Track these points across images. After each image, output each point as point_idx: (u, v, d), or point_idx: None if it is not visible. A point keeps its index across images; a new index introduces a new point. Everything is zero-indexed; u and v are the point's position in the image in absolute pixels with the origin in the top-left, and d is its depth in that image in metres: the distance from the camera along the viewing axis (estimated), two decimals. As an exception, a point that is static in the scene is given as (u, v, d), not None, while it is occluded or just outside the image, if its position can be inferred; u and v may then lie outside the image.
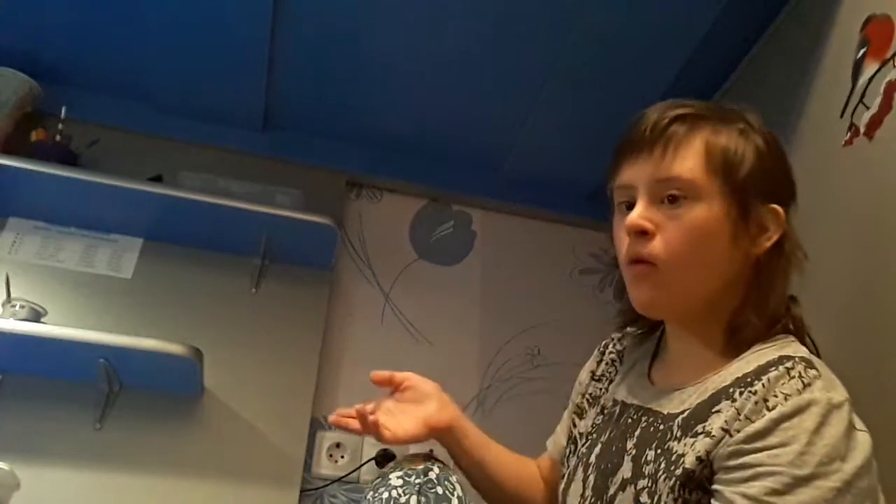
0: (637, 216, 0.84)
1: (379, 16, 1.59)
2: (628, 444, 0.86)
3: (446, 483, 0.90)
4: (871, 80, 1.15)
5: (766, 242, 0.84)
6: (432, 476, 0.91)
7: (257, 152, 1.86)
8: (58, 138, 1.62)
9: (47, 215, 1.67)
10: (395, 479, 0.91)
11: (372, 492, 0.91)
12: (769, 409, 0.71)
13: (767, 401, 0.72)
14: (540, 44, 1.62)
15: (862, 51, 1.19)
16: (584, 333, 1.83)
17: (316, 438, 1.67)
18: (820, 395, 0.71)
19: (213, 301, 1.69)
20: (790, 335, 0.84)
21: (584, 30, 1.56)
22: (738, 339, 0.84)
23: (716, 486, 0.73)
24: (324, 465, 1.65)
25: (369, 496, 0.91)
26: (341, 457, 1.67)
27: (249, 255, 1.73)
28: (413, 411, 1.03)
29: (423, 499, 0.87)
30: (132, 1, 1.58)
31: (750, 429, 0.71)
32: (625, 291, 0.93)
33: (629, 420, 0.90)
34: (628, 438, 0.87)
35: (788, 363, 0.75)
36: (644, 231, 0.83)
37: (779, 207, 0.85)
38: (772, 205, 0.85)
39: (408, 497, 0.87)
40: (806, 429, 0.69)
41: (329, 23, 1.61)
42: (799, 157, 1.33)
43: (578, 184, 1.98)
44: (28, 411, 1.49)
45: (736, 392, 0.76)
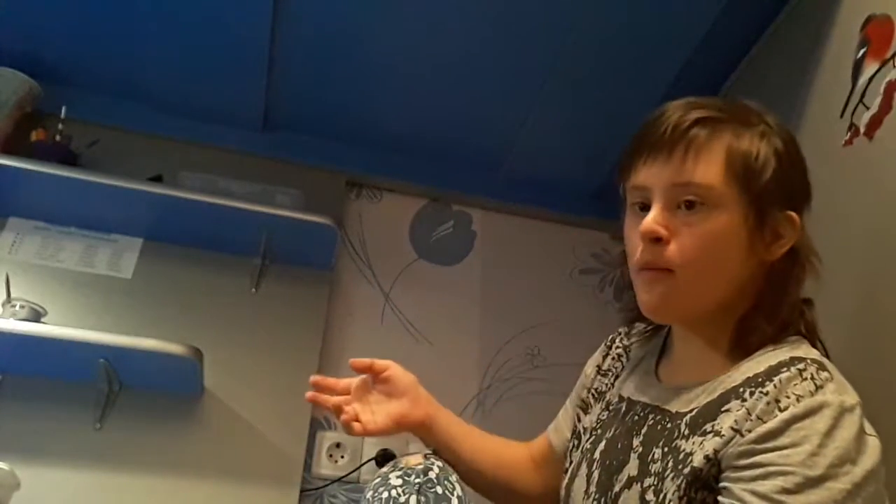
0: (653, 221, 0.83)
1: (379, 16, 1.59)
2: (634, 441, 0.86)
3: (446, 482, 0.90)
4: (871, 80, 1.15)
5: (779, 250, 0.84)
6: (432, 475, 0.91)
7: (257, 152, 1.86)
8: (58, 138, 1.62)
9: (47, 215, 1.67)
10: (394, 479, 0.91)
11: (371, 491, 0.91)
12: (781, 410, 0.71)
13: (779, 402, 0.72)
14: (540, 44, 1.62)
15: (862, 51, 1.20)
16: (584, 333, 1.84)
17: (316, 438, 1.67)
18: (832, 397, 0.71)
19: (213, 301, 1.69)
20: (801, 337, 0.84)
21: (584, 30, 1.56)
22: (746, 342, 0.83)
23: (724, 483, 0.73)
24: (324, 465, 1.65)
25: (369, 496, 0.91)
26: (341, 457, 1.67)
27: (249, 255, 1.73)
28: (386, 406, 1.04)
29: (422, 498, 0.87)
30: (132, 1, 1.58)
31: (762, 429, 0.71)
32: (626, 291, 0.93)
33: (636, 417, 0.90)
34: (634, 436, 0.87)
35: (800, 364, 0.75)
36: (659, 237, 0.83)
37: (795, 215, 0.84)
38: (788, 211, 0.84)
39: (407, 496, 0.87)
40: (818, 430, 0.69)
41: (329, 23, 1.61)
42: (799, 157, 1.33)
43: (578, 184, 1.98)
44: (28, 411, 1.49)
45: (746, 392, 0.75)
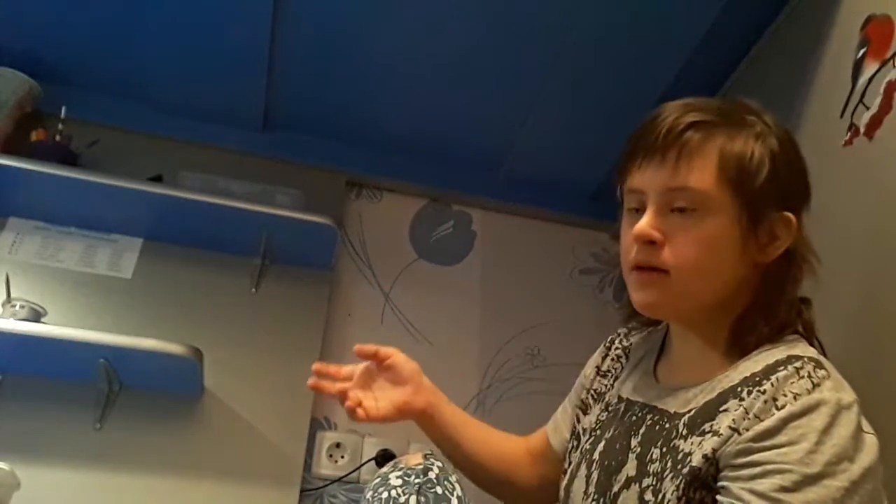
0: (646, 225, 0.83)
1: (379, 16, 1.59)
2: (633, 441, 0.86)
3: (446, 483, 0.90)
4: (871, 80, 1.15)
5: (775, 251, 0.84)
6: (432, 476, 0.91)
7: (257, 152, 1.86)
8: (58, 138, 1.62)
9: (47, 215, 1.67)
10: (394, 479, 0.91)
11: (371, 492, 0.91)
12: (778, 408, 0.71)
13: (776, 400, 0.72)
14: (540, 44, 1.62)
15: (862, 51, 1.20)
16: (584, 333, 1.84)
17: (316, 438, 1.67)
18: (829, 395, 0.71)
19: (213, 301, 1.69)
20: (799, 336, 0.84)
21: (584, 30, 1.56)
22: (743, 341, 0.83)
23: (722, 482, 0.73)
24: (324, 465, 1.65)
25: (368, 496, 0.91)
26: (341, 457, 1.67)
27: (249, 255, 1.73)
28: (389, 393, 1.05)
29: (422, 498, 0.87)
30: (132, 1, 1.58)
31: (759, 427, 0.71)
32: (625, 291, 0.93)
33: (633, 417, 0.90)
34: (633, 436, 0.87)
35: (797, 363, 0.75)
36: (652, 240, 0.83)
37: (791, 215, 0.84)
38: (784, 212, 0.84)
39: (407, 497, 0.87)
40: (815, 428, 0.69)
41: (329, 23, 1.61)
42: (799, 157, 1.33)
43: (578, 184, 1.98)
44: (28, 411, 1.49)
45: (744, 391, 0.75)
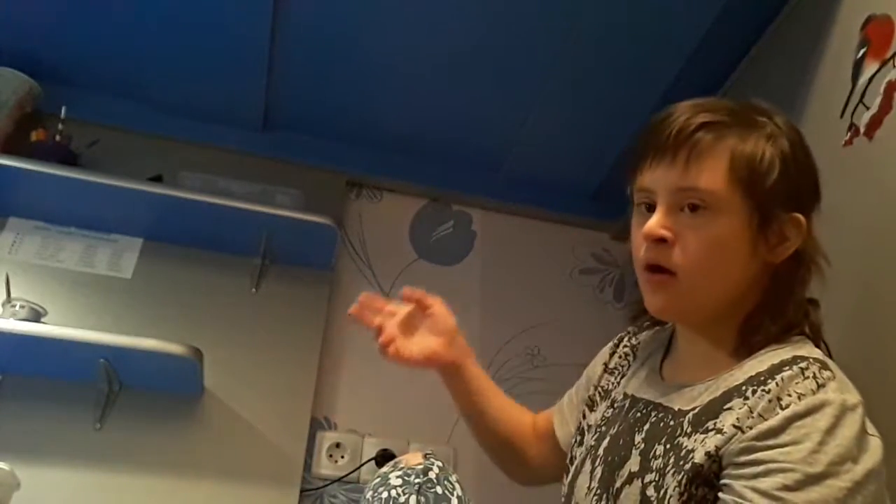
0: (656, 224, 0.83)
1: (379, 16, 1.59)
2: (636, 437, 0.86)
3: (446, 482, 0.91)
4: (871, 80, 1.15)
5: (784, 252, 0.84)
6: (432, 475, 0.91)
7: (257, 152, 1.86)
8: (58, 138, 1.62)
9: (47, 215, 1.67)
10: (394, 479, 0.91)
11: (371, 491, 0.91)
12: (783, 408, 0.71)
13: (781, 399, 0.72)
14: (540, 44, 1.62)
15: (862, 51, 1.20)
16: (584, 333, 1.84)
17: (316, 438, 1.67)
18: (834, 395, 0.71)
19: (213, 301, 1.69)
20: (805, 337, 0.84)
21: (584, 30, 1.56)
22: (750, 341, 0.84)
23: (725, 480, 0.73)
24: (324, 465, 1.65)
25: (368, 496, 0.91)
26: (341, 457, 1.67)
27: (249, 255, 1.73)
28: (424, 339, 1.08)
29: (422, 498, 0.87)
30: (132, 1, 1.58)
31: (763, 426, 0.71)
32: (626, 292, 0.93)
33: (638, 414, 0.90)
34: (637, 432, 0.87)
35: (803, 363, 0.75)
36: (662, 239, 0.83)
37: (800, 217, 0.84)
38: (794, 213, 0.84)
39: (407, 496, 0.87)
40: (819, 428, 0.69)
41: (329, 23, 1.61)
42: (799, 157, 1.33)
43: (578, 184, 1.98)
44: (28, 411, 1.49)
45: (749, 391, 0.76)
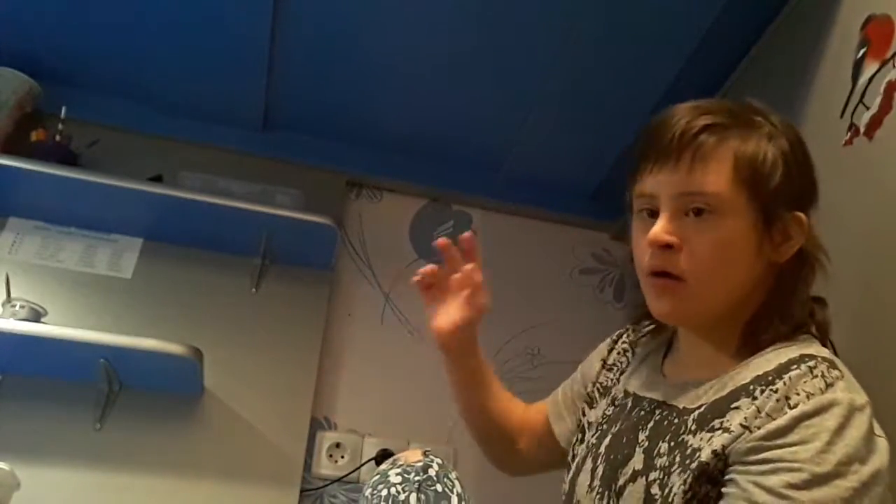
0: (661, 230, 0.82)
1: (379, 16, 1.59)
2: (640, 435, 0.86)
3: (445, 480, 0.90)
4: (871, 80, 1.15)
5: (788, 251, 0.84)
6: (431, 473, 0.91)
7: (257, 152, 1.86)
8: (58, 138, 1.62)
9: (47, 215, 1.67)
10: (393, 477, 0.91)
11: (370, 489, 0.91)
12: (791, 407, 0.71)
13: (789, 399, 0.72)
14: (540, 44, 1.62)
15: (862, 51, 1.19)
16: (584, 333, 1.82)
17: (316, 438, 1.67)
18: (842, 395, 0.71)
19: (213, 301, 1.69)
20: (812, 336, 0.84)
21: (584, 30, 1.56)
22: (756, 341, 0.83)
23: (730, 475, 0.72)
24: (324, 465, 1.66)
25: (368, 493, 0.91)
26: (341, 457, 1.67)
27: (249, 255, 1.73)
28: (455, 309, 1.06)
29: (422, 496, 0.87)
30: (132, 1, 1.58)
31: (771, 426, 0.71)
32: (632, 290, 0.93)
33: (641, 412, 0.89)
34: (640, 430, 0.87)
35: (811, 362, 0.75)
36: (668, 245, 0.82)
37: (802, 215, 0.84)
38: (796, 212, 0.84)
39: (407, 494, 0.87)
40: (828, 428, 0.69)
41: (329, 23, 1.61)
42: (799, 157, 1.33)
43: (578, 184, 1.98)
44: (28, 411, 1.49)
45: (756, 390, 0.75)
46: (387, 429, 1.72)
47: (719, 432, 0.75)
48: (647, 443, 0.84)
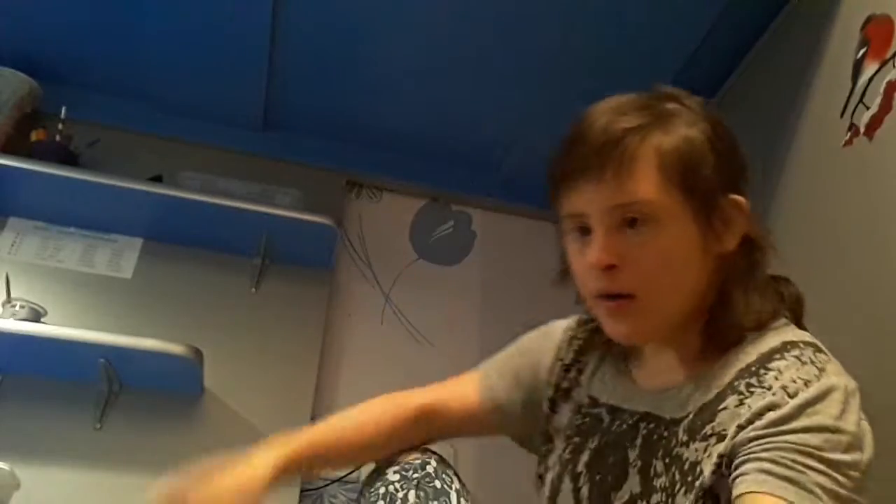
0: (600, 251, 0.77)
1: (378, 16, 1.59)
2: (630, 454, 0.81)
3: (444, 476, 0.89)
4: (871, 80, 1.15)
5: (733, 239, 0.79)
6: (430, 470, 0.89)
7: (257, 152, 1.86)
8: (58, 138, 1.62)
9: (47, 215, 1.67)
10: (391, 475, 0.89)
11: (368, 487, 0.90)
12: (791, 396, 0.69)
13: (787, 388, 0.70)
14: (539, 44, 1.62)
15: (862, 51, 1.20)
16: (584, 333, 1.83)
17: (316, 438, 1.67)
18: (837, 380, 0.70)
19: (213, 301, 1.69)
20: (786, 321, 0.80)
21: (584, 30, 1.56)
22: (720, 337, 0.79)
23: (740, 459, 0.69)
24: (324, 465, 1.65)
25: (365, 492, 0.90)
26: (341, 457, 1.67)
27: (249, 255, 1.73)
28: None
29: (421, 493, 0.86)
30: (132, 1, 1.58)
31: (773, 415, 0.68)
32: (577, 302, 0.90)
33: (624, 427, 0.84)
34: (629, 448, 0.82)
35: (795, 350, 0.73)
36: (611, 265, 0.77)
37: (739, 198, 0.79)
38: (732, 196, 0.79)
39: (405, 492, 0.86)
40: (831, 414, 0.68)
41: (329, 24, 1.61)
42: (799, 157, 1.33)
43: (578, 184, 1.98)
44: (28, 411, 1.49)
45: (742, 385, 0.73)
46: (387, 429, 1.72)
47: (713, 440, 0.72)
48: (639, 462, 0.80)
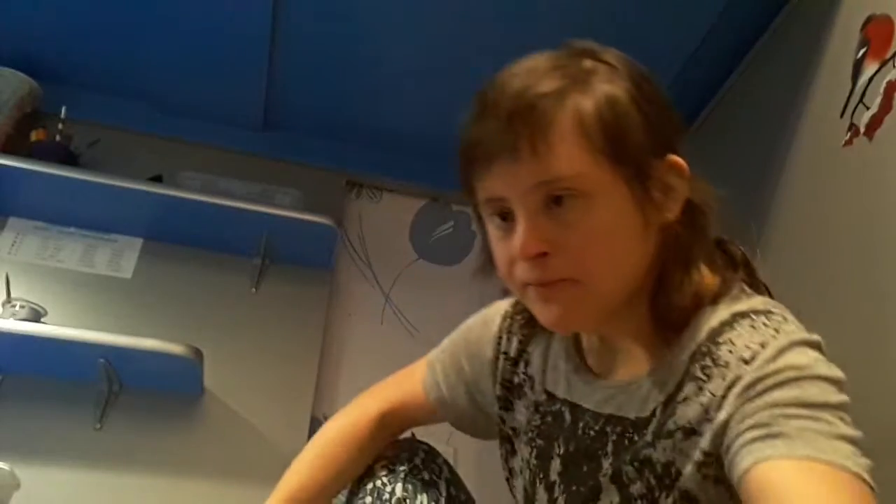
0: (527, 237, 0.67)
1: (378, 16, 1.59)
2: (603, 463, 0.75)
3: (433, 466, 0.88)
4: (871, 80, 1.15)
5: (676, 205, 0.70)
6: (417, 462, 0.88)
7: (257, 152, 1.86)
8: (58, 138, 1.62)
9: (47, 215, 1.67)
10: (378, 469, 0.88)
11: (357, 483, 0.89)
12: (748, 362, 0.64)
13: (743, 356, 0.65)
14: (539, 44, 1.62)
15: (862, 51, 1.20)
16: (584, 333, 1.84)
17: (316, 438, 1.67)
18: (796, 335, 0.65)
19: (213, 301, 1.69)
20: (740, 289, 0.72)
21: (584, 30, 1.55)
22: (672, 312, 0.71)
23: (725, 444, 0.64)
24: (324, 465, 1.65)
25: (354, 488, 0.89)
26: (341, 457, 1.67)
27: (249, 255, 1.73)
28: None
29: (409, 486, 0.85)
30: (132, 1, 1.58)
31: (737, 389, 0.64)
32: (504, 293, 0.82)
33: (592, 432, 0.77)
34: (602, 457, 0.75)
35: (745, 320, 0.68)
36: (541, 253, 0.68)
37: (675, 158, 0.70)
38: (668, 157, 0.70)
39: (393, 486, 0.85)
40: (798, 365, 0.63)
41: (329, 23, 1.61)
42: (799, 157, 1.33)
43: (578, 184, 1.98)
44: (28, 411, 1.49)
45: (697, 370, 0.68)
46: (387, 429, 1.72)
47: (679, 435, 0.68)
48: (611, 471, 0.73)
